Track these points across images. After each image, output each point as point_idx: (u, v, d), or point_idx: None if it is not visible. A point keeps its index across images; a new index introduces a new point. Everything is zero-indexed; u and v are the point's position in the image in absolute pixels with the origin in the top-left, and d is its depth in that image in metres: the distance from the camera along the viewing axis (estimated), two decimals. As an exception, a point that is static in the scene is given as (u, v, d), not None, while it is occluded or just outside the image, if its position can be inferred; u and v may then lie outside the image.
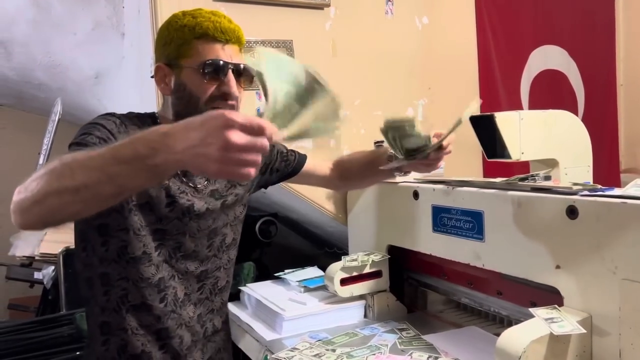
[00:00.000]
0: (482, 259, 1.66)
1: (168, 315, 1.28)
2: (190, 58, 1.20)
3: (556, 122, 1.85)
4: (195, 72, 1.19)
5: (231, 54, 1.21)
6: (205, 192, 1.33)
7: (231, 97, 1.21)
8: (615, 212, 1.25)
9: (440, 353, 1.72)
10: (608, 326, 1.28)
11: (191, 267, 1.31)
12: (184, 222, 1.28)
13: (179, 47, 1.20)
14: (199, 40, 1.19)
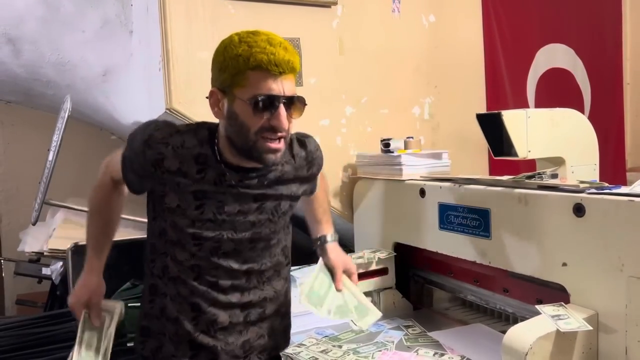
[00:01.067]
0: (489, 257, 1.66)
1: (202, 293, 1.32)
2: (243, 88, 1.19)
3: (563, 121, 1.85)
4: (247, 104, 1.19)
5: (284, 85, 1.20)
6: (249, 195, 1.31)
7: (280, 130, 1.21)
8: (623, 209, 1.25)
9: (446, 350, 1.74)
10: (614, 323, 1.29)
11: (234, 265, 1.34)
12: (217, 223, 1.30)
13: (232, 76, 1.19)
14: (253, 71, 1.17)
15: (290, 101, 1.21)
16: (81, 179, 3.51)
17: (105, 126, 3.30)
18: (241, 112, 1.20)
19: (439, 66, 2.65)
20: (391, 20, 2.51)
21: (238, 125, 1.21)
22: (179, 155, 1.26)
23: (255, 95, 1.17)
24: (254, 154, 1.22)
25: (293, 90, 1.22)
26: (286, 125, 1.21)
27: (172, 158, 1.26)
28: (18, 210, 3.35)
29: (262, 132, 1.20)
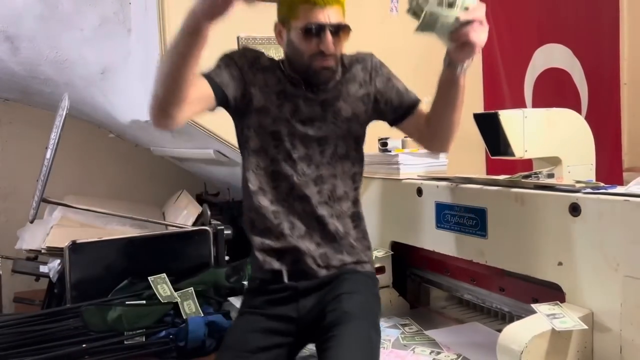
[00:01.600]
0: (485, 256, 1.67)
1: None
2: (297, 19, 1.42)
3: (560, 121, 1.86)
4: (300, 33, 1.41)
5: (330, 15, 1.40)
6: (315, 101, 1.50)
7: (328, 53, 1.42)
8: (618, 209, 1.26)
9: (442, 348, 1.74)
10: (609, 322, 1.30)
11: (306, 169, 1.49)
12: (291, 123, 1.48)
13: (288, 9, 1.44)
14: (303, 4, 1.40)
15: (336, 28, 1.41)
16: (79, 177, 3.55)
17: (104, 124, 3.30)
18: (296, 39, 1.43)
19: (437, 66, 2.64)
20: (389, 19, 2.52)
21: (294, 51, 1.45)
22: (267, 62, 1.52)
23: (305, 24, 1.40)
24: (309, 72, 1.45)
25: (339, 19, 1.42)
26: (332, 48, 1.42)
27: (264, 58, 1.53)
28: (15, 208, 3.35)
29: (314, 57, 1.42)
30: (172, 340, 2.03)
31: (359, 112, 1.54)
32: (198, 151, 2.54)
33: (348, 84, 1.53)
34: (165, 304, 2.11)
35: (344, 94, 1.52)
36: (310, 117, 1.49)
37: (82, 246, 2.19)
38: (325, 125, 1.50)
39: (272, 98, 1.48)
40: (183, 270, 2.33)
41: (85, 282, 2.19)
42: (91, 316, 2.01)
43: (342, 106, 1.52)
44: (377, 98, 1.57)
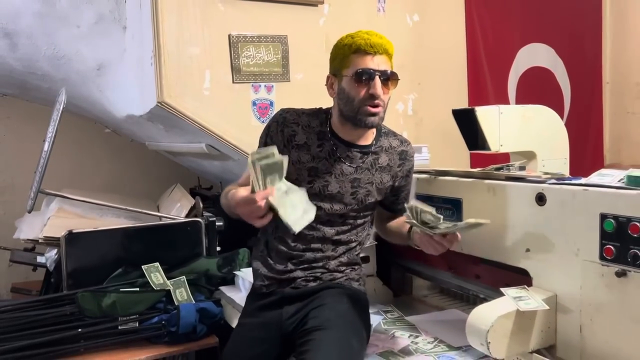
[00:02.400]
0: (461, 244, 1.75)
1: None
2: (348, 68, 1.54)
3: (534, 117, 1.95)
4: (351, 79, 1.53)
5: (379, 63, 1.53)
6: (348, 179, 1.64)
7: (377, 97, 1.52)
8: (578, 198, 1.35)
9: (420, 332, 1.83)
10: (571, 304, 1.39)
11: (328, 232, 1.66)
12: (320, 198, 1.62)
13: (341, 61, 1.56)
14: (354, 54, 1.52)
15: (385, 75, 1.53)
16: (76, 171, 3.62)
17: (100, 119, 3.37)
18: (347, 86, 1.55)
19: (422, 64, 2.74)
20: (376, 19, 2.60)
21: (345, 97, 1.56)
22: (306, 132, 1.63)
23: (356, 70, 1.51)
24: (358, 117, 1.55)
25: (387, 68, 1.55)
26: (381, 93, 1.53)
27: (301, 134, 1.63)
28: (13, 201, 3.42)
29: (364, 102, 1.53)
30: (164, 325, 2.11)
31: (379, 196, 1.70)
32: (191, 145, 2.62)
33: (383, 172, 1.68)
34: (158, 291, 2.18)
35: (377, 180, 1.67)
36: (338, 193, 1.63)
37: (78, 236, 2.26)
38: (350, 205, 1.65)
39: (303, 174, 1.62)
40: (176, 260, 2.40)
41: (81, 271, 2.26)
42: (86, 302, 2.08)
43: (371, 190, 1.66)
44: (396, 190, 1.74)
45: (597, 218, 1.30)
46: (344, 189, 1.63)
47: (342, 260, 1.70)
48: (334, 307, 1.55)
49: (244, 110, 2.35)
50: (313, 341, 1.43)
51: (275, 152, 1.36)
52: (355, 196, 1.65)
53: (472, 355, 1.61)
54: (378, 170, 1.67)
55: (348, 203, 1.64)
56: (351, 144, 1.64)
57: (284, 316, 1.61)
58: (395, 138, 1.73)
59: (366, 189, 1.66)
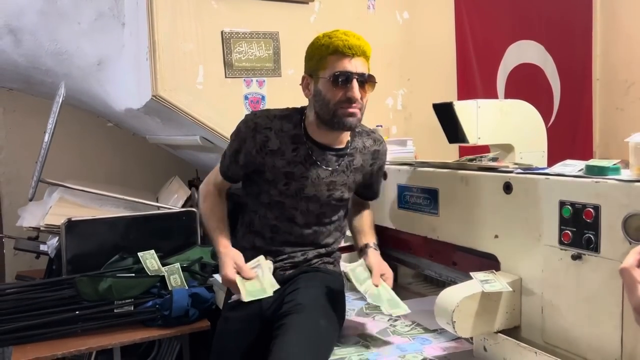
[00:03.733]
0: (437, 232, 1.84)
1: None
2: (325, 70, 1.51)
3: (512, 111, 2.02)
4: (328, 82, 1.51)
5: (357, 65, 1.51)
6: (324, 182, 1.66)
7: (354, 101, 1.52)
8: (541, 186, 1.43)
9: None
10: (534, 286, 1.47)
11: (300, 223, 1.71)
12: (296, 200, 1.66)
13: (317, 61, 1.53)
14: (332, 55, 1.50)
15: (362, 78, 1.51)
16: (79, 163, 3.73)
17: (101, 113, 3.48)
18: (324, 88, 1.52)
19: (412, 60, 2.82)
20: (366, 16, 2.68)
21: (322, 100, 1.53)
22: (279, 137, 1.60)
23: (334, 73, 1.49)
24: (334, 120, 1.54)
25: (365, 70, 1.53)
26: (359, 96, 1.51)
27: (274, 139, 1.60)
28: (18, 192, 3.53)
29: (341, 104, 1.51)
30: (158, 309, 2.21)
31: (351, 193, 1.77)
32: (186, 138, 2.72)
33: (357, 172, 1.72)
34: (152, 277, 2.28)
35: (350, 181, 1.71)
36: (314, 197, 1.67)
37: (77, 223, 2.37)
38: (327, 206, 1.70)
39: (279, 177, 1.64)
40: (171, 248, 2.50)
41: (80, 257, 2.36)
42: (84, 286, 2.19)
43: (344, 191, 1.71)
44: (364, 179, 1.79)
45: (557, 205, 1.37)
46: (320, 192, 1.66)
47: (321, 252, 1.75)
48: (306, 291, 1.59)
49: (236, 104, 2.44)
50: (284, 325, 1.47)
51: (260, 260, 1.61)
52: (330, 197, 1.68)
53: (445, 337, 1.69)
54: (352, 172, 1.70)
55: (324, 203, 1.68)
56: (327, 147, 1.64)
57: (263, 306, 1.63)
58: (369, 137, 1.74)
59: (340, 190, 1.69)
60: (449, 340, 1.68)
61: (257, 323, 1.64)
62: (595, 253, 1.28)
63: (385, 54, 2.75)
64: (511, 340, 1.44)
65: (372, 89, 1.57)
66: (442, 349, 1.61)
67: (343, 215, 1.81)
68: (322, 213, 1.70)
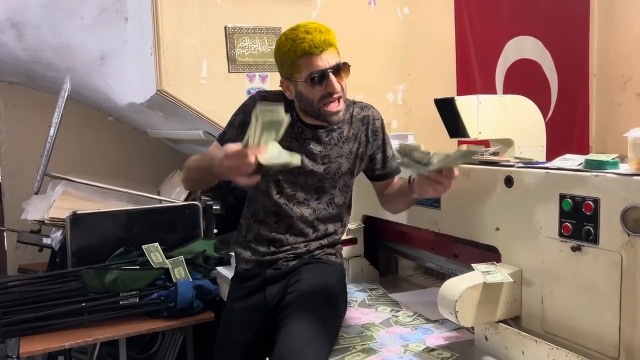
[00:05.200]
0: (439, 225, 1.88)
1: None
2: (300, 73, 1.56)
3: (512, 106, 2.06)
4: (306, 83, 1.56)
5: (328, 59, 1.55)
6: (318, 156, 1.69)
7: (335, 93, 1.57)
8: (541, 180, 1.46)
9: (402, 307, 1.96)
10: (534, 277, 1.50)
11: (305, 212, 1.73)
12: (294, 176, 1.69)
13: (289, 66, 1.57)
14: (301, 58, 1.54)
15: (337, 68, 1.56)
16: (80, 157, 3.75)
17: (103, 107, 3.50)
18: (304, 90, 1.58)
19: (412, 55, 2.85)
20: (367, 12, 2.71)
21: (304, 100, 1.60)
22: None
23: (309, 74, 1.53)
24: (320, 118, 1.61)
25: (336, 60, 1.57)
26: (338, 88, 1.57)
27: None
28: (20, 186, 3.55)
29: (323, 100, 1.57)
30: (163, 301, 2.25)
31: (353, 168, 1.77)
32: (189, 132, 2.74)
33: (350, 142, 1.73)
34: (157, 269, 2.32)
35: (345, 151, 1.72)
36: (312, 172, 1.69)
37: (82, 217, 2.40)
38: (325, 180, 1.71)
39: None
40: (175, 241, 2.54)
41: (85, 250, 2.40)
42: (90, 278, 2.22)
43: (341, 162, 1.73)
44: (370, 157, 1.80)
45: (557, 198, 1.41)
46: (316, 167, 1.69)
47: (323, 243, 1.77)
48: (309, 282, 1.62)
49: (239, 98, 2.43)
50: (288, 316, 1.51)
51: (280, 110, 1.28)
52: (327, 171, 1.71)
53: (447, 327, 1.73)
54: (345, 142, 1.73)
55: (321, 177, 1.71)
56: (316, 126, 1.69)
57: (267, 298, 1.68)
58: (355, 106, 1.76)
59: (337, 162, 1.72)
60: (451, 330, 1.72)
61: (262, 314, 1.68)
62: (594, 245, 1.32)
63: (385, 50, 2.78)
64: (512, 330, 1.48)
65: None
66: (444, 339, 1.65)
67: (343, 204, 1.82)
68: (322, 188, 1.72)
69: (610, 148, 3.40)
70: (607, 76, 3.41)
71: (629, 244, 1.24)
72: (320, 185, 1.72)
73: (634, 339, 1.25)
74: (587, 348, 1.35)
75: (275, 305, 1.66)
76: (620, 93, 3.36)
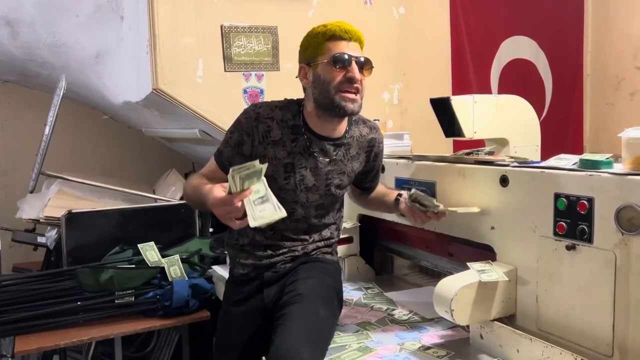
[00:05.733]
0: (435, 224, 1.88)
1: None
2: (324, 55, 1.55)
3: (507, 106, 2.06)
4: (328, 65, 1.54)
5: (354, 48, 1.55)
6: (322, 171, 1.67)
7: (355, 81, 1.54)
8: (536, 179, 1.48)
9: (397, 306, 1.97)
10: (529, 276, 1.52)
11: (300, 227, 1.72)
12: (296, 193, 1.66)
13: (314, 49, 1.56)
14: (329, 41, 1.54)
15: (360, 60, 1.55)
16: (75, 156, 3.74)
17: (99, 106, 3.48)
18: (323, 72, 1.55)
19: (407, 55, 2.86)
20: (363, 11, 2.72)
21: (321, 84, 1.55)
22: (281, 127, 1.62)
23: (334, 54, 1.52)
24: (336, 104, 1.55)
25: (361, 55, 1.57)
26: (359, 76, 1.54)
27: (276, 129, 1.61)
28: (14, 184, 3.54)
29: (341, 86, 1.53)
30: (158, 300, 2.25)
31: (349, 182, 1.78)
32: (185, 131, 2.74)
33: (354, 161, 1.73)
34: (153, 268, 2.32)
35: (348, 169, 1.72)
36: (313, 186, 1.67)
37: (77, 215, 2.39)
38: (325, 196, 1.70)
39: (280, 171, 1.63)
40: (170, 240, 2.54)
41: (80, 249, 2.39)
42: (85, 277, 2.22)
43: (343, 179, 1.72)
44: (364, 171, 1.81)
45: (552, 197, 1.42)
46: (319, 181, 1.67)
47: (319, 245, 1.77)
48: (305, 281, 1.61)
49: (235, 97, 2.47)
50: (284, 315, 1.51)
51: (254, 164, 1.32)
52: (329, 187, 1.69)
53: (442, 326, 1.75)
54: (349, 160, 1.72)
55: (323, 194, 1.69)
56: (324, 138, 1.65)
57: (265, 300, 1.67)
58: (365, 125, 1.76)
59: (339, 178, 1.70)
60: (446, 328, 1.73)
61: (260, 316, 1.67)
62: (588, 244, 1.33)
63: (381, 49, 2.78)
64: (507, 328, 1.49)
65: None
66: (439, 337, 1.66)
67: (338, 210, 1.83)
68: (321, 204, 1.71)
69: (603, 147, 3.43)
70: (601, 76, 3.43)
71: (623, 243, 1.26)
72: (320, 203, 1.70)
73: (628, 337, 1.26)
74: (582, 346, 1.36)
75: (273, 306, 1.66)
76: (614, 93, 3.38)
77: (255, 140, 1.61)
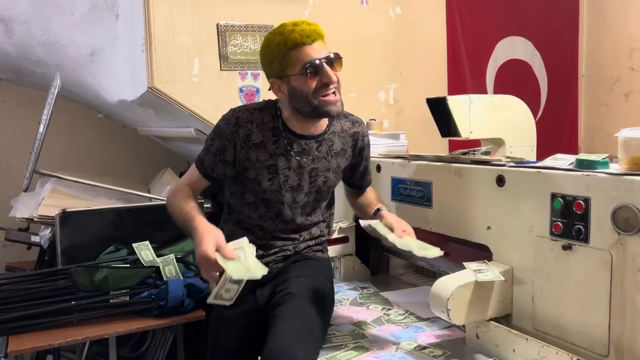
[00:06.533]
0: (431, 223, 1.89)
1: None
2: (292, 66, 1.50)
3: (503, 106, 2.07)
4: (300, 76, 1.50)
5: (320, 49, 1.51)
6: (306, 170, 1.66)
7: (331, 83, 1.52)
8: (533, 179, 1.48)
9: (393, 306, 1.97)
10: (525, 276, 1.52)
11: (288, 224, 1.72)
12: (282, 194, 1.65)
13: (280, 62, 1.51)
14: (292, 50, 1.49)
15: (330, 59, 1.52)
16: (70, 155, 3.72)
17: (93, 105, 3.47)
18: (297, 83, 1.52)
19: (404, 55, 2.86)
20: (360, 11, 2.72)
21: (299, 95, 1.53)
22: (261, 130, 1.60)
23: (302, 65, 1.49)
24: (318, 111, 1.54)
25: (328, 51, 1.53)
26: (334, 78, 1.52)
27: (256, 132, 1.60)
28: (7, 183, 3.51)
29: (318, 91, 1.51)
30: (153, 299, 2.22)
31: (337, 181, 1.78)
32: (180, 130, 2.73)
33: (338, 156, 1.71)
34: (147, 268, 2.29)
35: (333, 166, 1.70)
36: (298, 185, 1.66)
37: (71, 214, 2.37)
38: (310, 194, 1.69)
39: (263, 173, 1.63)
40: (165, 239, 2.52)
41: (74, 248, 2.37)
42: (80, 276, 2.19)
43: (328, 176, 1.71)
44: (351, 167, 1.80)
45: (548, 197, 1.42)
46: (303, 180, 1.66)
47: (310, 243, 1.77)
48: (296, 280, 1.61)
49: (231, 96, 2.46)
50: (276, 315, 1.51)
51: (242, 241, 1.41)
52: (314, 185, 1.68)
53: (438, 325, 1.75)
54: (333, 156, 1.70)
55: (308, 192, 1.68)
56: (305, 136, 1.63)
57: (258, 301, 1.66)
58: (347, 120, 1.73)
59: (324, 176, 1.69)
60: (442, 328, 1.73)
61: (253, 317, 1.67)
62: (584, 243, 1.33)
63: (377, 49, 2.78)
64: (503, 328, 1.49)
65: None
66: (435, 337, 1.66)
67: (327, 208, 1.81)
68: (307, 203, 1.71)
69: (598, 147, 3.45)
70: (596, 77, 3.46)
71: (619, 243, 1.26)
72: (307, 201, 1.70)
73: (624, 337, 1.27)
74: (577, 346, 1.36)
75: (265, 306, 1.66)
76: (609, 94, 3.41)
77: (237, 145, 1.60)
